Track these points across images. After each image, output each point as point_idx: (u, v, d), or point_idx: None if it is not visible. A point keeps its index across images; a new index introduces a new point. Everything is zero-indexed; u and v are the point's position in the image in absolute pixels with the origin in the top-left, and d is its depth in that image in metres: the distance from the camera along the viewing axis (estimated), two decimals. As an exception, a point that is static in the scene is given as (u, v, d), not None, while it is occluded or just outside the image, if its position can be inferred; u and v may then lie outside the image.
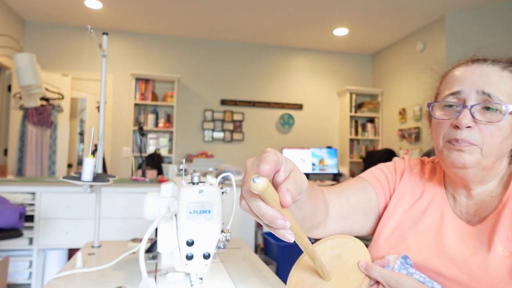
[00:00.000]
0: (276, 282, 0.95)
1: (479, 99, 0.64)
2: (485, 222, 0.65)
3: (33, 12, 4.15)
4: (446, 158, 0.66)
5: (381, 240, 0.73)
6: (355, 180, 0.82)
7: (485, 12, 3.85)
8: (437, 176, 0.77)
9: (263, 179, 0.37)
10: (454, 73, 0.70)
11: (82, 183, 1.10)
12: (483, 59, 0.68)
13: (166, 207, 0.81)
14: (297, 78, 5.22)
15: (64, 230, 2.35)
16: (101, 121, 1.39)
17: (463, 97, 0.66)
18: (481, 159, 0.64)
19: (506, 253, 0.59)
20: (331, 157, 4.87)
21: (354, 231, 0.79)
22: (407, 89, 4.63)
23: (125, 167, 4.58)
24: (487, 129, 0.63)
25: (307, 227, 0.66)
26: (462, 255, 0.63)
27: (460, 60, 0.72)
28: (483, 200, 0.69)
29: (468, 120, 0.63)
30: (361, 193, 0.78)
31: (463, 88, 0.66)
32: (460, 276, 0.61)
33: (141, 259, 0.71)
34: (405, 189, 0.78)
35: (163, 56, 4.81)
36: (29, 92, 2.98)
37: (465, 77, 0.67)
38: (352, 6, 3.88)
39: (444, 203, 0.72)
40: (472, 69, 0.67)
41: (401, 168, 0.82)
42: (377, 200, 0.79)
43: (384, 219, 0.76)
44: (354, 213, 0.77)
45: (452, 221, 0.69)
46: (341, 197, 0.76)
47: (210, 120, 4.87)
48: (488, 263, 0.59)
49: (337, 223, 0.74)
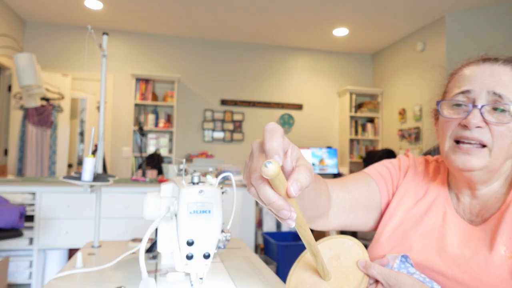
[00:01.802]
0: (276, 282, 0.95)
1: (489, 100, 0.63)
2: (488, 223, 0.64)
3: (33, 12, 4.15)
4: (451, 161, 0.65)
5: (383, 238, 0.73)
6: (359, 175, 0.81)
7: (485, 12, 3.84)
8: (441, 176, 0.77)
9: (275, 164, 0.35)
10: (464, 72, 0.69)
11: (82, 183, 1.10)
12: (494, 58, 0.67)
13: (166, 207, 0.81)
14: (297, 78, 5.22)
15: (64, 230, 2.35)
16: (101, 121, 1.39)
17: (473, 96, 0.64)
18: (490, 161, 0.63)
19: (508, 253, 0.58)
20: (331, 157, 4.87)
21: (356, 225, 0.78)
22: (407, 89, 4.63)
23: (125, 167, 4.58)
24: (497, 130, 0.62)
25: (309, 217, 0.65)
26: (464, 255, 0.62)
27: (470, 59, 0.71)
28: (487, 201, 0.68)
29: (477, 120, 0.62)
30: (364, 188, 0.77)
31: (473, 88, 0.64)
32: (462, 276, 0.60)
33: (141, 259, 0.71)
34: (408, 188, 0.77)
35: (163, 56, 4.81)
36: (29, 92, 2.98)
37: (476, 76, 0.65)
38: (352, 6, 3.88)
39: (447, 203, 0.72)
40: (483, 68, 0.66)
41: (406, 165, 0.81)
42: (380, 196, 0.78)
43: (386, 217, 0.76)
44: (356, 208, 0.76)
45: (454, 221, 0.68)
46: (344, 190, 0.75)
47: (210, 120, 4.87)
48: (490, 263, 0.59)
49: (339, 216, 0.74)
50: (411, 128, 4.47)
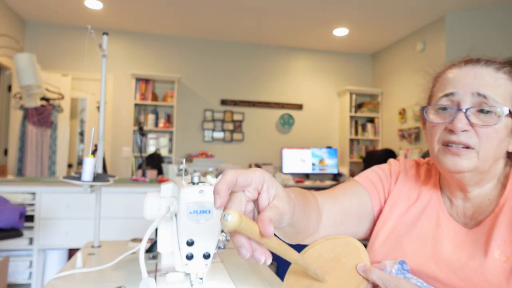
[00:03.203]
0: (276, 282, 0.95)
1: (474, 102, 0.62)
2: (482, 226, 0.64)
3: (33, 12, 4.15)
4: (442, 163, 0.65)
5: (377, 245, 0.72)
6: (349, 184, 0.80)
7: (485, 12, 3.85)
8: (433, 179, 0.76)
9: (234, 214, 0.34)
10: (447, 75, 0.68)
11: (82, 183, 1.10)
12: (476, 59, 0.66)
13: (166, 207, 0.81)
14: (297, 78, 5.22)
15: (64, 230, 2.35)
16: (101, 121, 1.39)
17: (457, 99, 0.64)
18: (478, 163, 0.62)
19: (503, 257, 0.58)
20: (331, 157, 4.87)
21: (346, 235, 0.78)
22: (407, 89, 4.63)
23: (125, 167, 4.58)
24: (483, 132, 0.61)
25: (300, 239, 0.65)
26: (459, 260, 0.62)
27: (452, 61, 0.71)
28: (480, 203, 0.67)
29: (463, 124, 0.61)
30: (355, 198, 0.77)
31: (457, 90, 0.64)
32: (457, 281, 0.60)
33: (141, 259, 0.71)
34: (400, 193, 0.77)
35: (163, 56, 4.81)
36: (29, 92, 2.98)
37: (459, 79, 0.65)
38: (352, 6, 3.88)
39: (440, 207, 0.71)
40: (466, 70, 0.65)
41: (397, 170, 0.80)
42: (371, 204, 0.77)
43: (379, 224, 0.75)
44: (348, 219, 0.75)
45: (448, 225, 0.68)
46: (336, 204, 0.74)
47: (210, 120, 4.87)
48: (485, 268, 0.59)
49: (330, 229, 0.73)
50: (411, 128, 4.47)
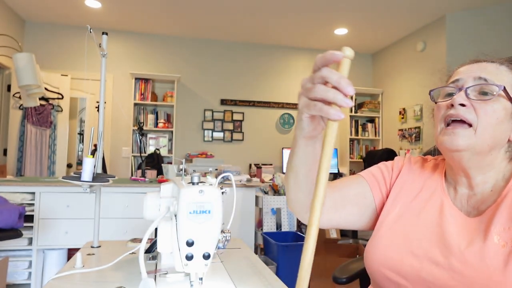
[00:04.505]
0: (276, 282, 0.94)
1: (475, 84, 0.68)
2: (484, 215, 0.67)
3: (33, 12, 4.14)
4: (441, 142, 0.69)
5: (382, 232, 0.75)
6: (351, 176, 0.86)
7: (486, 12, 3.85)
8: (439, 170, 0.80)
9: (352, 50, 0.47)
10: (457, 70, 0.76)
11: (82, 183, 1.10)
12: (483, 60, 0.73)
13: (166, 207, 0.81)
14: (297, 78, 5.22)
15: (64, 230, 2.35)
16: (101, 121, 1.38)
17: (461, 84, 0.70)
18: (475, 142, 0.65)
19: (501, 242, 0.61)
20: (331, 157, 4.86)
21: (349, 223, 0.82)
22: (407, 89, 4.62)
23: (124, 167, 4.57)
24: (481, 108, 0.66)
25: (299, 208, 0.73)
26: (459, 246, 0.65)
27: (463, 63, 0.77)
28: (483, 193, 0.70)
29: (461, 98, 0.67)
30: (355, 187, 0.82)
31: (461, 77, 0.71)
32: (458, 266, 0.63)
33: (141, 259, 0.71)
34: (404, 183, 0.80)
35: (163, 56, 4.80)
36: (28, 92, 2.98)
37: (465, 70, 0.73)
38: (352, 6, 3.88)
39: (444, 196, 0.74)
40: (472, 65, 0.73)
41: (399, 165, 0.85)
42: (372, 195, 0.82)
43: (384, 213, 0.78)
44: (348, 206, 0.80)
45: (452, 213, 0.71)
46: (336, 190, 0.80)
47: (210, 120, 4.87)
48: (484, 252, 0.61)
49: (330, 214, 0.79)
50: (411, 128, 4.46)
